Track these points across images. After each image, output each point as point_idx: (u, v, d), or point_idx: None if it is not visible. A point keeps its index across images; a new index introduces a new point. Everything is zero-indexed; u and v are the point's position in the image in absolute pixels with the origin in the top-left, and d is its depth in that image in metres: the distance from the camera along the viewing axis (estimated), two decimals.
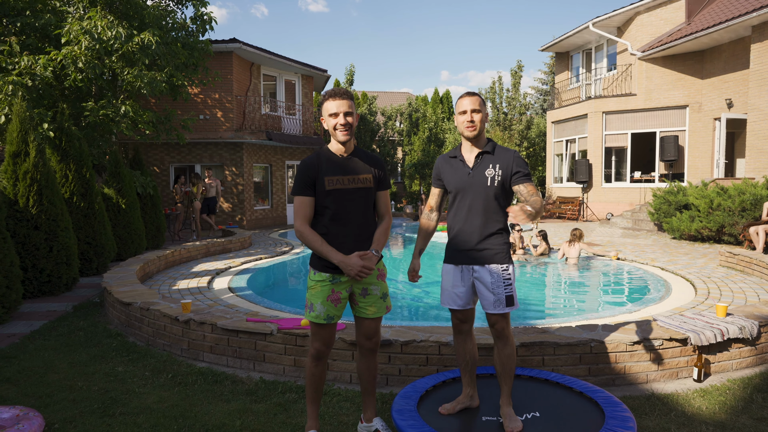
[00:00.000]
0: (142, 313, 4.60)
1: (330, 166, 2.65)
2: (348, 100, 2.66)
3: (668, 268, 7.65)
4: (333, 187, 2.62)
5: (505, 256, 2.74)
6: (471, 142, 2.79)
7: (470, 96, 2.75)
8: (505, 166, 2.71)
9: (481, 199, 2.72)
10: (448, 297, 2.86)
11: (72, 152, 7.39)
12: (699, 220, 10.28)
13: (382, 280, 2.78)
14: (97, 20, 7.83)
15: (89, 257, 7.44)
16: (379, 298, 2.74)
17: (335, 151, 2.69)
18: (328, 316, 2.66)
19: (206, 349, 4.09)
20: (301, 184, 2.63)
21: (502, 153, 2.77)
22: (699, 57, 14.13)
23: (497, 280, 2.70)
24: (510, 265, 2.75)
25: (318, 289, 2.66)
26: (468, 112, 2.72)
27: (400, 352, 3.59)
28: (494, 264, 2.71)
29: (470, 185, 2.75)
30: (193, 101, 14.11)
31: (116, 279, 5.90)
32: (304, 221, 2.64)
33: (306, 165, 2.65)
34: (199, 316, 4.21)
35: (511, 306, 2.71)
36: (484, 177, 2.73)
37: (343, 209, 2.66)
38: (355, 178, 2.69)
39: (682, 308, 5.32)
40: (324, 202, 2.63)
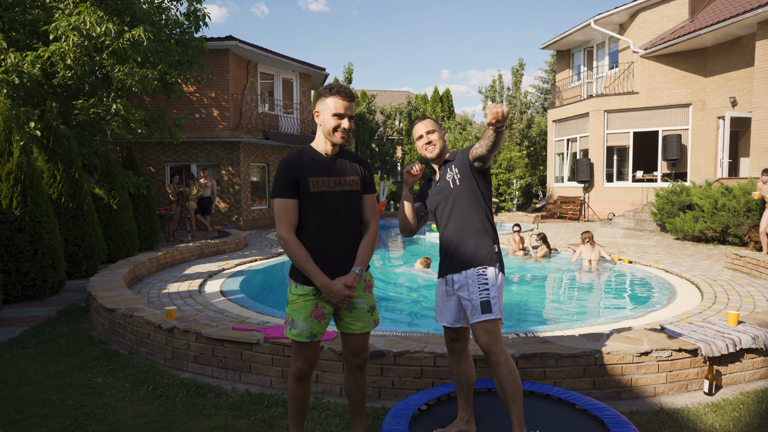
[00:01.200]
0: (126, 319, 4.40)
1: (314, 166, 2.42)
2: (353, 102, 2.46)
3: (672, 271, 7.45)
4: (318, 189, 2.39)
5: (485, 256, 2.54)
6: (436, 163, 2.77)
7: (422, 120, 2.75)
8: (461, 160, 2.64)
9: (452, 202, 2.64)
10: (438, 312, 2.73)
11: (60, 152, 7.19)
12: (703, 220, 10.08)
13: (369, 292, 2.57)
14: (86, 16, 7.63)
15: (78, 260, 7.25)
16: (366, 312, 2.53)
17: (321, 150, 2.47)
18: (311, 334, 2.44)
19: (190, 358, 3.90)
20: (282, 185, 2.37)
21: (458, 154, 2.71)
22: (702, 54, 13.91)
23: (471, 283, 2.50)
24: (491, 268, 2.52)
25: (300, 304, 2.43)
26: (424, 135, 2.71)
27: (393, 363, 3.39)
28: (470, 267, 2.53)
29: (441, 194, 2.70)
30: (189, 100, 13.90)
31: (102, 283, 5.70)
32: (290, 228, 2.39)
33: (288, 164, 2.40)
34: (184, 323, 4.02)
35: (486, 313, 2.43)
36: (446, 182, 2.67)
37: (329, 214, 2.43)
38: (341, 180, 2.47)
39: (689, 314, 5.12)
40: (307, 207, 2.40)
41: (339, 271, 2.45)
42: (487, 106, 2.39)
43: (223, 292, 6.55)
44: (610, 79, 16.22)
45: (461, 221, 2.60)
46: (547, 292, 7.19)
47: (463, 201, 2.60)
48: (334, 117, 2.38)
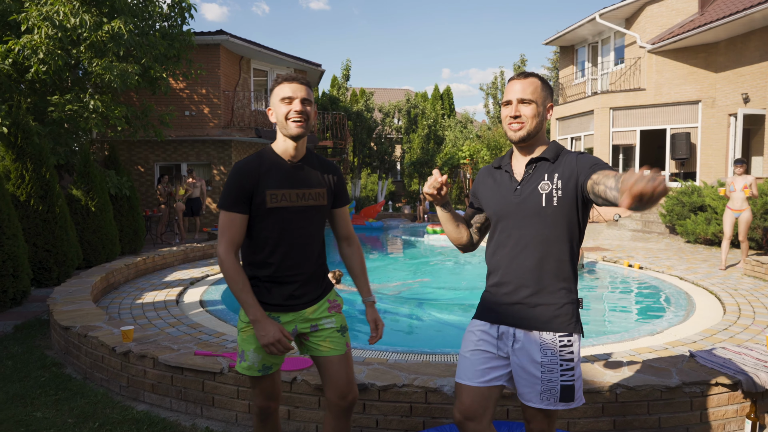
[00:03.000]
0: (80, 339, 3.90)
1: (274, 175, 2.01)
2: (305, 86, 2.01)
3: (688, 278, 6.93)
4: (276, 204, 1.99)
5: (569, 320, 1.82)
6: (519, 148, 1.91)
7: (521, 79, 1.85)
8: (568, 173, 1.79)
9: (534, 228, 1.82)
10: (465, 366, 1.91)
11: (30, 150, 6.68)
12: (716, 222, 9.54)
13: (337, 312, 2.15)
14: (60, 6, 7.12)
15: (48, 266, 6.75)
16: (335, 330, 2.11)
17: (283, 153, 2.04)
18: (264, 367, 2.06)
19: (147, 387, 3.39)
20: (231, 196, 1.97)
21: (565, 158, 1.84)
22: (713, 49, 13.37)
23: (552, 357, 1.80)
24: (576, 336, 1.83)
25: (249, 332, 2.05)
26: (513, 103, 1.84)
27: (377, 399, 2.88)
28: (550, 331, 1.81)
29: (517, 208, 1.84)
30: (179, 96, 13.40)
31: (66, 294, 5.20)
32: (230, 247, 1.98)
33: (242, 172, 1.97)
34: (141, 347, 3.51)
35: (567, 401, 1.80)
36: (537, 195, 1.81)
37: (289, 233, 2.01)
38: (306, 193, 2.03)
39: (713, 330, 4.61)
40: (263, 224, 2.00)
41: (300, 300, 2.05)
42: (632, 179, 1.26)
43: (203, 302, 6.05)
44: (615, 76, 15.68)
45: (543, 255, 1.82)
46: None
47: (556, 229, 1.80)
48: (283, 102, 1.98)
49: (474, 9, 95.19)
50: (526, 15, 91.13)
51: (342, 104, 20.43)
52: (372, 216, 16.55)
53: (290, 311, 2.05)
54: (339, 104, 20.32)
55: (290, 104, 1.97)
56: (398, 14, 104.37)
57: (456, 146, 21.80)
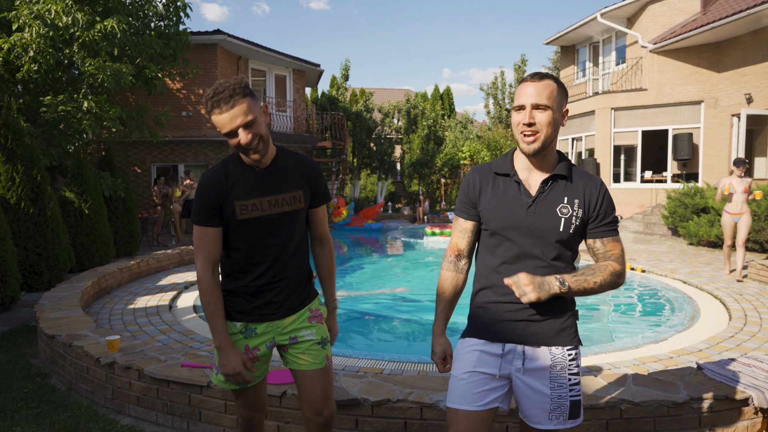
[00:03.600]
0: (65, 349, 3.77)
1: (242, 185, 1.87)
2: (241, 101, 1.71)
3: (691, 282, 6.80)
4: (247, 215, 1.87)
5: (574, 332, 1.77)
6: (531, 159, 1.74)
7: (536, 81, 1.66)
8: (586, 204, 1.71)
9: (547, 249, 1.71)
10: (461, 389, 1.74)
11: (20, 152, 6.56)
12: (719, 225, 9.40)
13: (319, 323, 2.02)
14: (52, 4, 6.99)
15: (39, 270, 6.62)
16: (315, 343, 1.99)
17: (250, 161, 1.88)
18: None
19: (132, 400, 3.26)
20: (202, 211, 1.86)
21: (584, 181, 1.73)
22: (715, 49, 13.23)
23: (561, 373, 1.71)
24: (579, 349, 1.79)
25: None
26: (527, 108, 1.65)
27: (370, 414, 2.75)
28: (558, 346, 1.73)
29: (528, 226, 1.70)
30: (176, 97, 13.27)
31: (55, 299, 5.07)
32: (206, 264, 1.87)
33: (208, 184, 1.85)
34: (126, 357, 3.38)
35: (575, 418, 1.73)
36: (556, 217, 1.69)
37: (265, 244, 1.89)
38: (279, 199, 1.89)
39: (719, 338, 4.47)
40: (236, 236, 1.90)
41: (280, 308, 1.95)
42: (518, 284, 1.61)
43: (197, 308, 5.93)
44: (617, 76, 15.54)
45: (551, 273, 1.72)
46: None
47: (566, 250, 1.74)
48: (229, 138, 1.78)
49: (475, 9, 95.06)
50: (527, 15, 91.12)
51: (341, 104, 20.30)
52: (371, 217, 16.42)
53: (267, 320, 1.95)
54: (338, 104, 20.20)
55: (236, 138, 1.75)
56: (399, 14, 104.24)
57: (456, 147, 21.66)
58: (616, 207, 1.69)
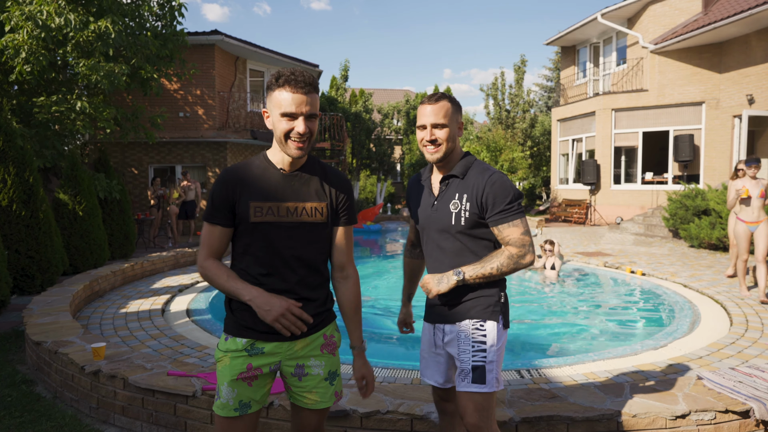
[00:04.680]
0: (51, 356, 3.69)
1: (260, 185, 1.75)
2: (315, 95, 1.71)
3: (692, 286, 6.70)
4: (261, 218, 1.73)
5: (485, 309, 1.94)
6: (437, 165, 2.02)
7: (432, 103, 1.92)
8: (474, 197, 1.91)
9: (449, 242, 1.98)
10: (425, 367, 2.16)
11: (12, 153, 6.48)
12: (721, 227, 9.31)
13: (331, 353, 1.86)
14: (44, 5, 6.91)
15: (31, 273, 6.54)
16: (322, 380, 1.82)
17: (278, 162, 1.78)
18: (242, 404, 1.74)
19: (117, 409, 3.18)
20: (213, 207, 1.77)
21: (474, 177, 1.94)
22: (717, 49, 13.13)
23: (464, 339, 1.94)
24: (490, 322, 1.94)
25: (226, 362, 1.77)
26: (428, 127, 1.93)
27: (359, 426, 2.67)
28: (466, 319, 1.96)
29: (434, 222, 1.99)
30: (173, 98, 13.20)
31: (44, 304, 4.99)
32: (209, 255, 1.78)
33: (225, 179, 1.76)
34: (112, 365, 3.30)
35: (478, 383, 1.87)
36: (447, 212, 1.95)
37: (277, 254, 1.74)
38: (297, 207, 1.75)
39: (720, 344, 4.38)
40: (248, 240, 1.76)
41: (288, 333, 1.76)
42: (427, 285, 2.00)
43: (190, 312, 5.85)
44: (617, 76, 15.45)
45: (457, 264, 1.96)
46: (551, 312, 6.44)
47: (467, 243, 1.97)
48: (285, 118, 1.68)
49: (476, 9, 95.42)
50: (528, 15, 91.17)
51: (340, 105, 20.22)
52: (370, 218, 16.34)
53: (278, 339, 1.77)
54: (337, 105, 20.12)
55: (292, 122, 1.68)
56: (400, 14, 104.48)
57: None
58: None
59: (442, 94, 1.94)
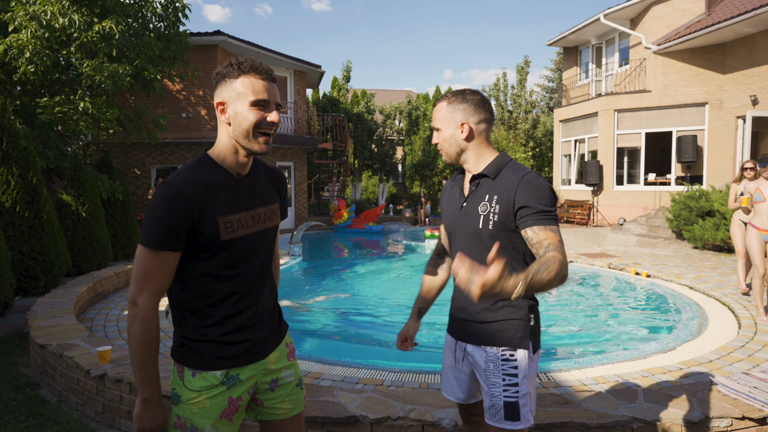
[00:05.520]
0: (56, 359, 3.66)
1: (223, 196, 1.51)
2: (275, 83, 1.55)
3: (698, 288, 6.66)
4: (233, 234, 1.51)
5: (515, 334, 1.73)
6: (464, 166, 1.86)
7: (434, 107, 1.85)
8: (505, 198, 1.69)
9: (475, 248, 1.76)
10: (446, 381, 1.99)
11: (15, 154, 6.46)
12: (725, 229, 9.27)
13: (294, 359, 1.78)
14: (48, 5, 6.89)
15: (35, 275, 6.52)
16: (294, 386, 1.73)
17: (230, 165, 1.54)
18: None
19: (123, 414, 3.15)
20: (166, 231, 1.42)
21: (506, 177, 1.73)
22: (720, 50, 13.10)
23: (494, 371, 1.73)
24: (521, 351, 1.73)
25: (204, 403, 1.53)
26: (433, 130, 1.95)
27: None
28: (493, 346, 1.74)
29: (462, 225, 1.80)
30: (175, 98, 13.18)
31: (48, 306, 4.96)
32: (156, 297, 1.47)
33: (180, 195, 1.42)
34: (117, 369, 3.27)
35: (512, 421, 1.70)
36: (477, 215, 1.75)
37: (247, 269, 1.58)
38: (260, 213, 1.61)
39: (729, 348, 4.35)
40: (212, 262, 1.51)
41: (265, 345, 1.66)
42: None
43: None
44: (620, 77, 15.42)
45: None
46: (558, 314, 6.41)
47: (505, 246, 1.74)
48: (255, 108, 1.47)
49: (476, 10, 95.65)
50: (528, 16, 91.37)
51: (342, 106, 20.19)
52: (372, 219, 16.31)
53: (253, 361, 1.62)
54: (339, 106, 20.09)
55: (263, 111, 1.48)
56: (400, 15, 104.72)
57: None
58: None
59: (444, 95, 1.84)
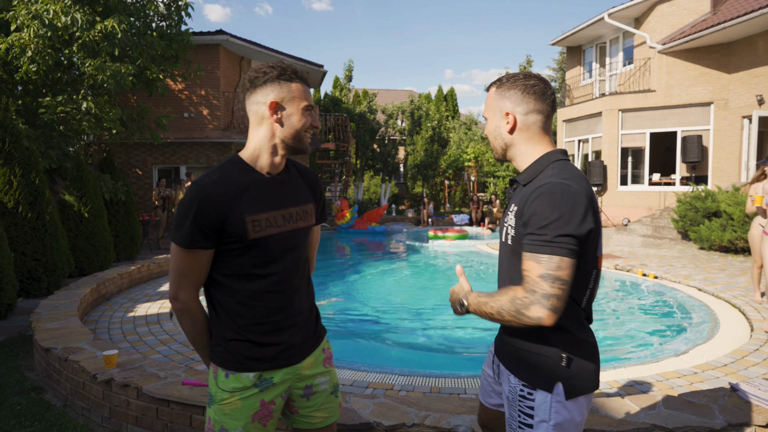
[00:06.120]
0: (61, 363, 3.60)
1: (253, 195, 1.52)
2: None
3: (707, 290, 6.60)
4: (261, 233, 1.51)
5: (535, 373, 1.49)
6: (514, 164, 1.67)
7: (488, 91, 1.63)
8: (520, 211, 1.46)
9: (504, 258, 1.58)
10: (484, 385, 1.82)
11: (18, 154, 6.40)
12: (732, 229, 9.21)
13: (331, 365, 1.76)
14: (51, 4, 6.83)
15: (37, 276, 6.46)
16: (329, 394, 1.72)
17: (262, 165, 1.57)
18: None
19: (131, 419, 3.09)
20: (195, 229, 1.45)
21: (534, 184, 1.46)
22: (726, 49, 13.02)
23: (512, 403, 1.54)
24: (542, 394, 1.47)
25: (236, 404, 1.55)
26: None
27: None
28: (515, 376, 1.54)
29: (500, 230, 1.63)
30: (177, 98, 13.12)
31: (52, 308, 4.90)
32: (195, 291, 1.54)
33: (209, 194, 1.46)
34: (125, 374, 3.21)
35: None
36: (503, 226, 1.56)
37: (278, 269, 1.57)
38: (292, 213, 1.60)
39: (744, 351, 4.28)
40: (241, 260, 1.52)
41: (300, 349, 1.64)
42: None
43: None
44: (624, 77, 15.35)
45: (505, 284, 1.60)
46: None
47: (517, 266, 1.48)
48: (306, 111, 1.56)
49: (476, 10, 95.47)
50: (528, 16, 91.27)
51: (344, 105, 20.13)
52: (375, 220, 16.24)
53: (287, 365, 1.61)
54: (341, 106, 20.02)
55: (310, 114, 1.58)
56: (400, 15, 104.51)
57: (460, 148, 21.46)
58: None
59: (493, 82, 1.60)
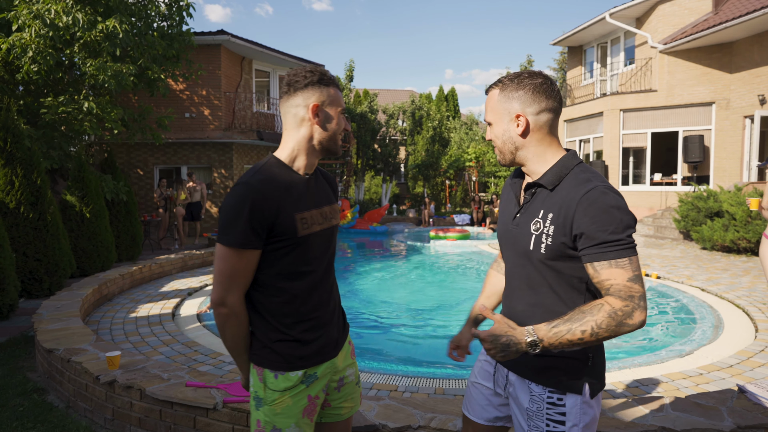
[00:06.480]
0: (63, 364, 3.59)
1: (295, 195, 1.56)
2: None
3: (710, 290, 6.58)
4: (308, 230, 1.56)
5: (563, 375, 1.45)
6: (523, 168, 1.56)
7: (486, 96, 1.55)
8: (562, 218, 1.38)
9: (525, 270, 1.49)
10: (470, 400, 1.70)
11: (19, 155, 6.38)
12: (735, 229, 9.19)
13: (354, 357, 1.84)
14: (52, 4, 6.81)
15: (39, 276, 6.44)
16: (355, 385, 1.79)
17: (299, 166, 1.60)
18: None
19: (134, 421, 3.07)
20: (247, 229, 1.45)
21: (567, 190, 1.40)
22: (727, 49, 13.00)
23: (537, 413, 1.47)
24: (573, 397, 1.44)
25: (287, 403, 1.57)
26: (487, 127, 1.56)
27: None
28: (539, 384, 1.48)
29: (513, 240, 1.52)
30: (179, 98, 13.11)
31: (54, 309, 4.89)
32: (242, 293, 1.53)
33: (260, 193, 1.46)
34: (128, 375, 3.19)
35: None
36: (529, 233, 1.46)
37: (319, 265, 1.63)
38: (327, 211, 1.67)
39: (749, 352, 4.27)
40: (288, 259, 1.54)
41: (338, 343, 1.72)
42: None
43: (200, 316, 5.74)
44: (625, 77, 15.32)
45: (533, 302, 1.50)
46: None
47: (546, 277, 1.45)
48: (342, 115, 1.64)
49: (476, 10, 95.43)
50: (528, 15, 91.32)
51: (345, 105, 20.11)
52: (376, 220, 16.23)
53: (328, 359, 1.66)
54: None
55: (344, 118, 1.66)
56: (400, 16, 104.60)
57: (461, 148, 21.44)
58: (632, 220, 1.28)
59: (494, 82, 1.52)
